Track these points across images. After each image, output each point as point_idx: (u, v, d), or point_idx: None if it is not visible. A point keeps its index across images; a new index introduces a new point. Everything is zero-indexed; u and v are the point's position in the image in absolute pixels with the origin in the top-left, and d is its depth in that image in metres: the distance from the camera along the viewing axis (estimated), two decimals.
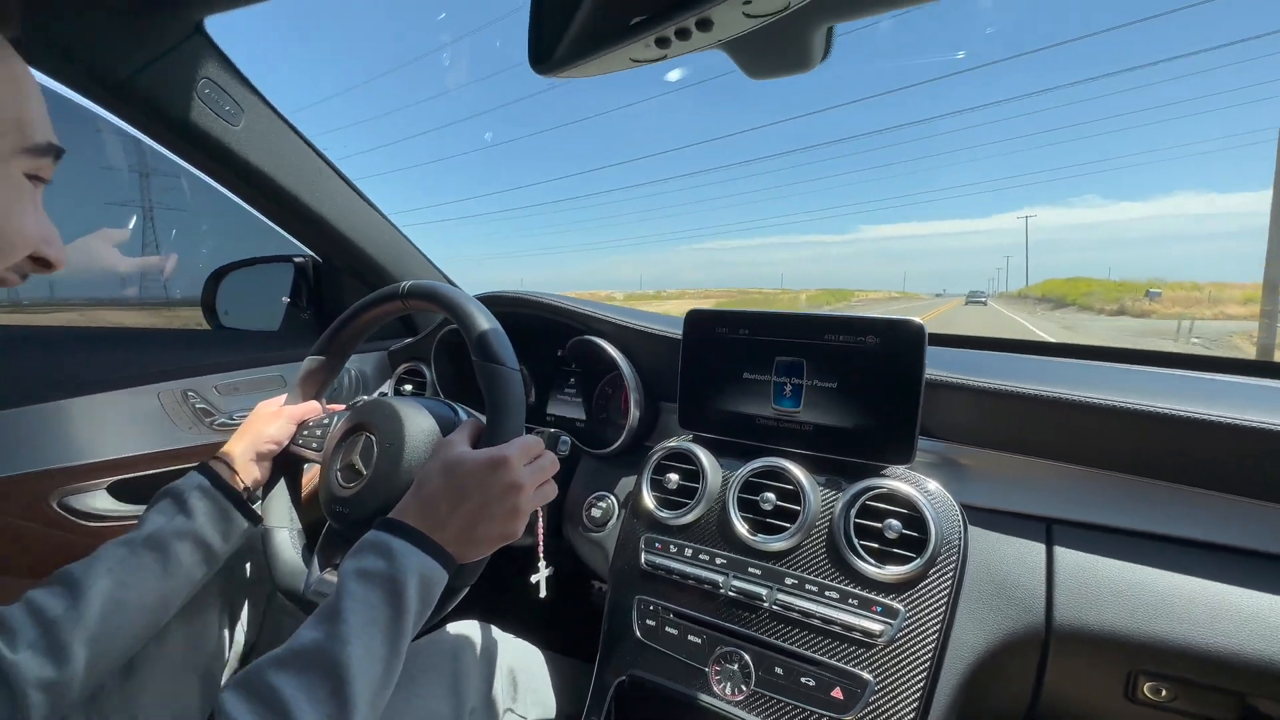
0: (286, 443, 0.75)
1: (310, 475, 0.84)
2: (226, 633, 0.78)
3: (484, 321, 0.64)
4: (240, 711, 0.41)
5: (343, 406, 0.80)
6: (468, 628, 0.84)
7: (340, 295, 1.27)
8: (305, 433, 0.76)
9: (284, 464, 0.77)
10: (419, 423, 0.66)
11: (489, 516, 0.54)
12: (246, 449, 0.72)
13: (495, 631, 0.89)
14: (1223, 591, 0.58)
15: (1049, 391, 0.67)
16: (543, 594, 0.70)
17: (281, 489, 0.76)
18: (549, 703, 0.89)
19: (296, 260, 1.31)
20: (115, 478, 0.96)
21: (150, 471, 0.99)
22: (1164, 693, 0.61)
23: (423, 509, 0.54)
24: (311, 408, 0.78)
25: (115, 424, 0.96)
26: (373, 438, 0.66)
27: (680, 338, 0.86)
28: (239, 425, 0.76)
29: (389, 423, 0.66)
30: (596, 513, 0.90)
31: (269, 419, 0.75)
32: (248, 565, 0.82)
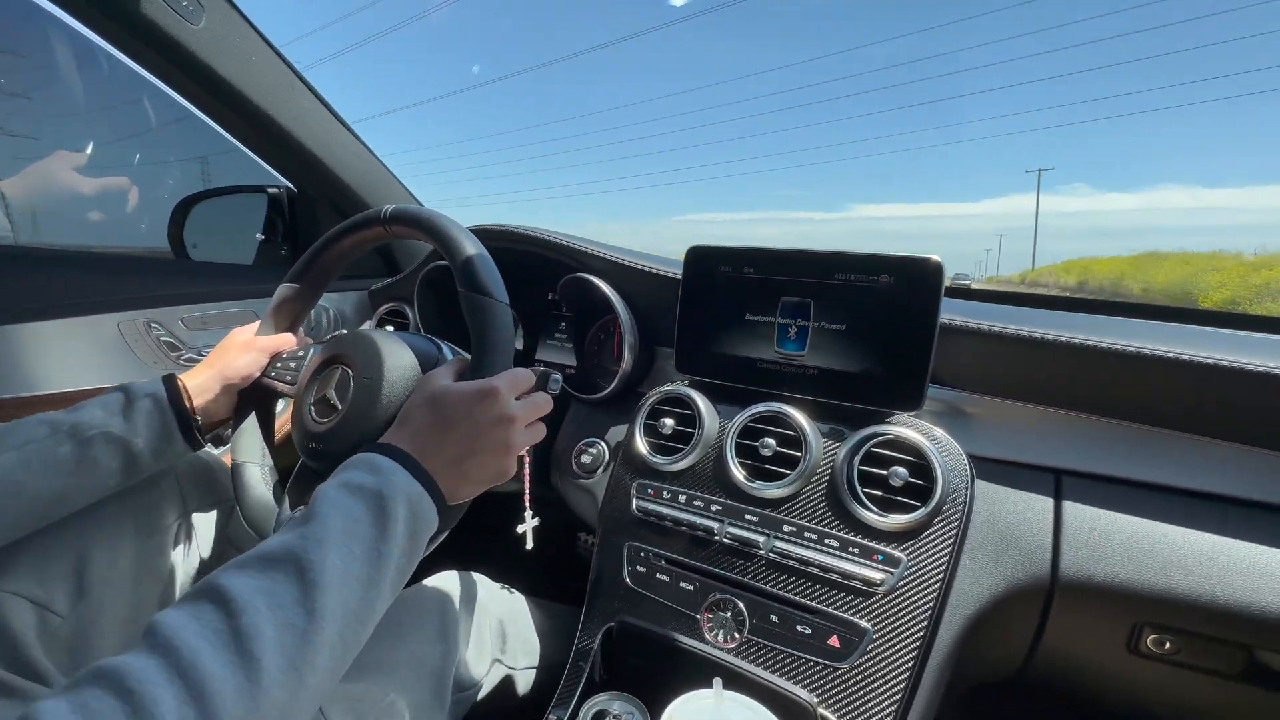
0: (257, 375, 0.70)
1: (286, 416, 0.79)
2: (183, 558, 0.74)
3: (472, 249, 0.59)
4: (178, 618, 0.33)
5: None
6: (452, 578, 0.82)
7: (316, 229, 1.20)
8: (279, 365, 0.72)
9: (256, 396, 0.72)
10: (399, 357, 0.62)
11: (478, 450, 0.50)
12: (211, 379, 0.67)
13: (481, 580, 0.86)
14: (1234, 545, 0.56)
15: (1065, 336, 0.64)
16: (529, 545, 0.67)
17: (252, 422, 0.72)
18: (536, 650, 0.88)
19: (270, 190, 1.23)
20: None
21: None
22: (1168, 645, 0.60)
23: (409, 442, 0.49)
24: (285, 339, 0.73)
25: (71, 354, 0.89)
26: (349, 371, 0.62)
27: (679, 278, 0.81)
28: None
29: (367, 356, 0.61)
30: (586, 459, 0.87)
31: (239, 350, 0.70)
32: (204, 489, 0.77)
